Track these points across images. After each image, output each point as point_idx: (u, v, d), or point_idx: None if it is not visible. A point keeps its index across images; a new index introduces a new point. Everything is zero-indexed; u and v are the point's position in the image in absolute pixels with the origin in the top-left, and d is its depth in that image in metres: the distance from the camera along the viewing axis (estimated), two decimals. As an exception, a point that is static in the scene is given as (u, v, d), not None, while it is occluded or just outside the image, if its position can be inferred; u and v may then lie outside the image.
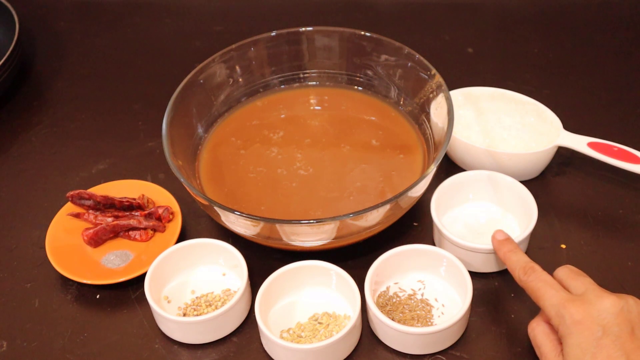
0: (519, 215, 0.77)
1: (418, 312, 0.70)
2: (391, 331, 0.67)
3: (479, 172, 0.78)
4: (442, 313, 0.70)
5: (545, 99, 0.86)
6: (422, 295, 0.72)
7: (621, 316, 0.58)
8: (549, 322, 0.63)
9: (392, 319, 0.67)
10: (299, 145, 0.84)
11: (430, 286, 0.72)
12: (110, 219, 0.79)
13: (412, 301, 0.71)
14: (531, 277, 0.64)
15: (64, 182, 0.87)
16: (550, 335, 0.62)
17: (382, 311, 0.68)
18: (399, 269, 0.73)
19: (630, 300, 0.59)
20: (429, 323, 0.69)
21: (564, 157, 0.84)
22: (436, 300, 0.71)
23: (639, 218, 0.79)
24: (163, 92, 0.84)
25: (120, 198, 0.80)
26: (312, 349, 0.65)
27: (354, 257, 0.76)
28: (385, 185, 0.79)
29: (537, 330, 0.63)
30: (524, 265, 0.65)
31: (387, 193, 0.78)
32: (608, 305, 0.59)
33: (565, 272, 0.64)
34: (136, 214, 0.79)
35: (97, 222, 0.79)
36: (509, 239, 0.70)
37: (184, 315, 0.71)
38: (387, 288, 0.72)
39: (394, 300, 0.71)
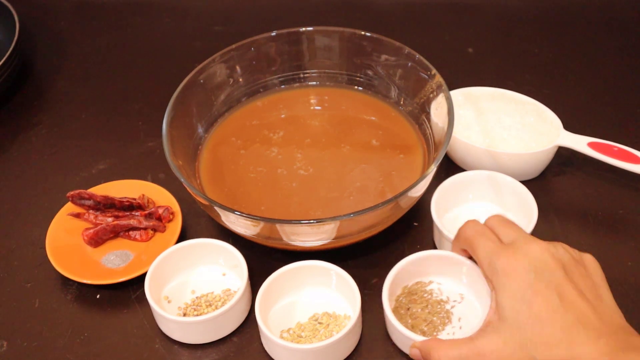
0: (519, 215, 0.77)
1: (435, 319, 0.69)
2: (403, 338, 0.66)
3: (479, 172, 0.78)
4: (460, 328, 0.69)
5: (545, 99, 0.86)
6: (450, 307, 0.70)
7: (552, 261, 0.57)
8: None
9: (408, 310, 0.67)
10: (299, 145, 0.84)
11: (465, 304, 0.70)
12: (110, 219, 0.79)
13: (428, 304, 0.70)
14: (465, 227, 0.64)
15: (64, 182, 0.87)
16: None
17: (403, 299, 0.68)
18: (445, 273, 0.71)
19: (559, 247, 0.59)
20: (438, 330, 0.68)
21: (564, 157, 0.84)
22: (459, 319, 0.69)
23: (639, 218, 0.79)
24: (163, 92, 0.84)
25: (120, 198, 0.80)
26: (312, 349, 0.65)
27: (354, 257, 0.76)
28: (385, 185, 0.79)
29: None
30: (464, 223, 0.65)
31: (387, 193, 0.78)
32: (538, 251, 0.58)
33: (496, 220, 0.64)
34: (136, 214, 0.79)
35: (97, 222, 0.79)
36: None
37: (184, 315, 0.71)
38: (428, 282, 0.71)
39: (424, 295, 0.70)
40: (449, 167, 0.85)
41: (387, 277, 0.68)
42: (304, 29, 0.88)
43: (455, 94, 0.87)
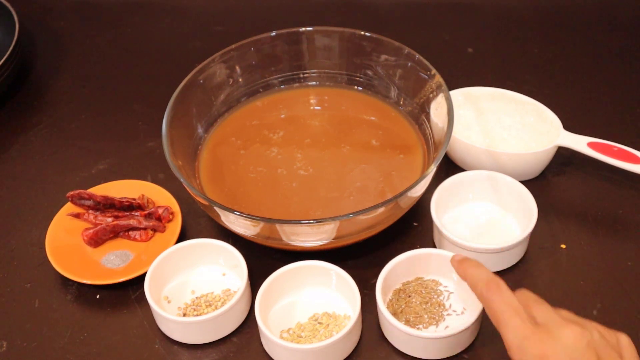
0: (519, 215, 0.77)
1: (425, 316, 0.69)
2: (400, 333, 0.66)
3: (479, 172, 0.78)
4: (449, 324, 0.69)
5: (545, 99, 0.86)
6: (446, 314, 0.70)
7: (588, 351, 0.54)
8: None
9: (409, 297, 0.68)
10: (299, 145, 0.84)
11: (461, 318, 0.70)
12: (110, 219, 0.79)
13: (429, 302, 0.70)
14: (495, 296, 0.58)
15: (64, 182, 0.87)
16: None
17: (412, 287, 0.69)
18: (422, 270, 0.72)
19: (594, 332, 0.56)
20: (422, 325, 0.69)
21: (564, 157, 0.84)
22: (446, 328, 0.69)
23: (639, 218, 0.79)
24: (163, 92, 0.84)
25: (120, 198, 0.80)
26: (312, 349, 0.65)
27: (354, 257, 0.76)
28: (385, 185, 0.79)
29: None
30: (487, 280, 0.59)
31: (387, 193, 0.78)
32: (572, 338, 0.55)
33: (525, 297, 0.59)
34: (136, 214, 0.79)
35: (97, 222, 0.79)
36: (467, 258, 0.63)
37: (184, 315, 0.71)
38: (443, 285, 0.72)
39: (431, 293, 0.71)
40: (449, 167, 0.85)
41: (403, 254, 0.70)
42: (304, 29, 0.88)
43: (455, 94, 0.87)
